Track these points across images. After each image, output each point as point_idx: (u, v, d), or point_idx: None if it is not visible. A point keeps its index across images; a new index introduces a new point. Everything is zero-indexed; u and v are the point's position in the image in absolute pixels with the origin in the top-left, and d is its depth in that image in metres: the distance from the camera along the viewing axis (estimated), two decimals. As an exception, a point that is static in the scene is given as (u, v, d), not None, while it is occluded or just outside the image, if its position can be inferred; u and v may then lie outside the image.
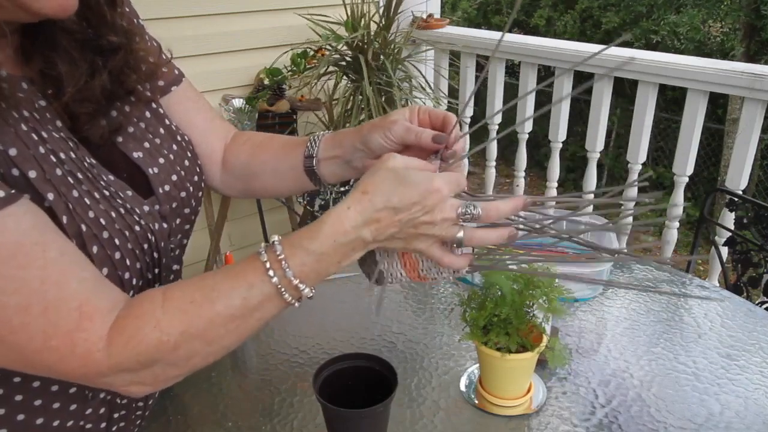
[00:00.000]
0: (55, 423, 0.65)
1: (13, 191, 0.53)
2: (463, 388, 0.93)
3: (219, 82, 2.48)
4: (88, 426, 0.68)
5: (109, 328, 0.57)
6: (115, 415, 0.71)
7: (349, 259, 0.62)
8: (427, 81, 2.66)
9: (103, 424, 0.70)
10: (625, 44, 6.75)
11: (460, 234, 0.62)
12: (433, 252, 0.64)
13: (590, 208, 0.70)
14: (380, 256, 0.67)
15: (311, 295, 0.61)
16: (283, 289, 0.59)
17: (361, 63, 2.34)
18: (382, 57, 2.42)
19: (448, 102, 2.90)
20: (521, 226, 0.69)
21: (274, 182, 0.86)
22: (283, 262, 0.59)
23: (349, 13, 2.46)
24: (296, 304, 0.62)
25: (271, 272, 0.59)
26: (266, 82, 2.45)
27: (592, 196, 0.71)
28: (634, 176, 2.28)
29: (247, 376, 0.98)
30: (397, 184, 0.59)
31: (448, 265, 0.65)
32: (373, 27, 2.51)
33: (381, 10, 2.54)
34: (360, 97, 2.37)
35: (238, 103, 2.42)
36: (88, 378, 0.58)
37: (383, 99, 2.44)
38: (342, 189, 1.86)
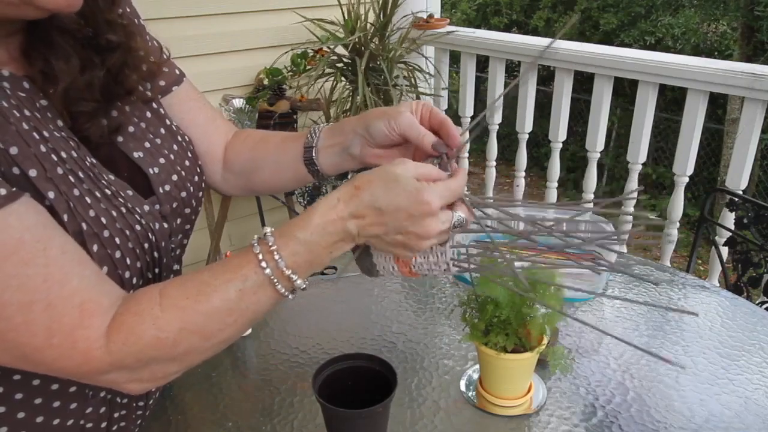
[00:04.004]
0: (55, 422, 0.65)
1: (14, 189, 0.53)
2: (463, 388, 0.93)
3: (219, 82, 2.48)
4: (89, 425, 0.68)
5: (107, 326, 0.57)
6: (116, 415, 0.71)
7: (339, 250, 0.63)
8: (431, 76, 2.65)
9: (104, 424, 0.70)
10: (624, 46, 6.75)
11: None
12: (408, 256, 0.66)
13: (590, 206, 0.70)
14: (374, 249, 0.68)
15: (304, 286, 0.62)
16: (275, 280, 0.60)
17: (357, 66, 2.33)
18: (379, 59, 2.42)
19: (449, 100, 2.90)
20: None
21: (274, 176, 0.86)
22: (275, 254, 0.60)
23: (345, 15, 2.45)
24: (290, 296, 0.62)
25: (263, 263, 0.60)
26: (266, 82, 2.45)
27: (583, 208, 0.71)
28: (634, 176, 2.29)
29: (247, 376, 0.98)
30: (386, 187, 0.60)
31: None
32: (370, 28, 2.50)
33: (378, 12, 2.54)
34: (357, 99, 2.36)
35: (238, 103, 2.42)
36: (88, 375, 0.58)
37: (381, 99, 2.44)
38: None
